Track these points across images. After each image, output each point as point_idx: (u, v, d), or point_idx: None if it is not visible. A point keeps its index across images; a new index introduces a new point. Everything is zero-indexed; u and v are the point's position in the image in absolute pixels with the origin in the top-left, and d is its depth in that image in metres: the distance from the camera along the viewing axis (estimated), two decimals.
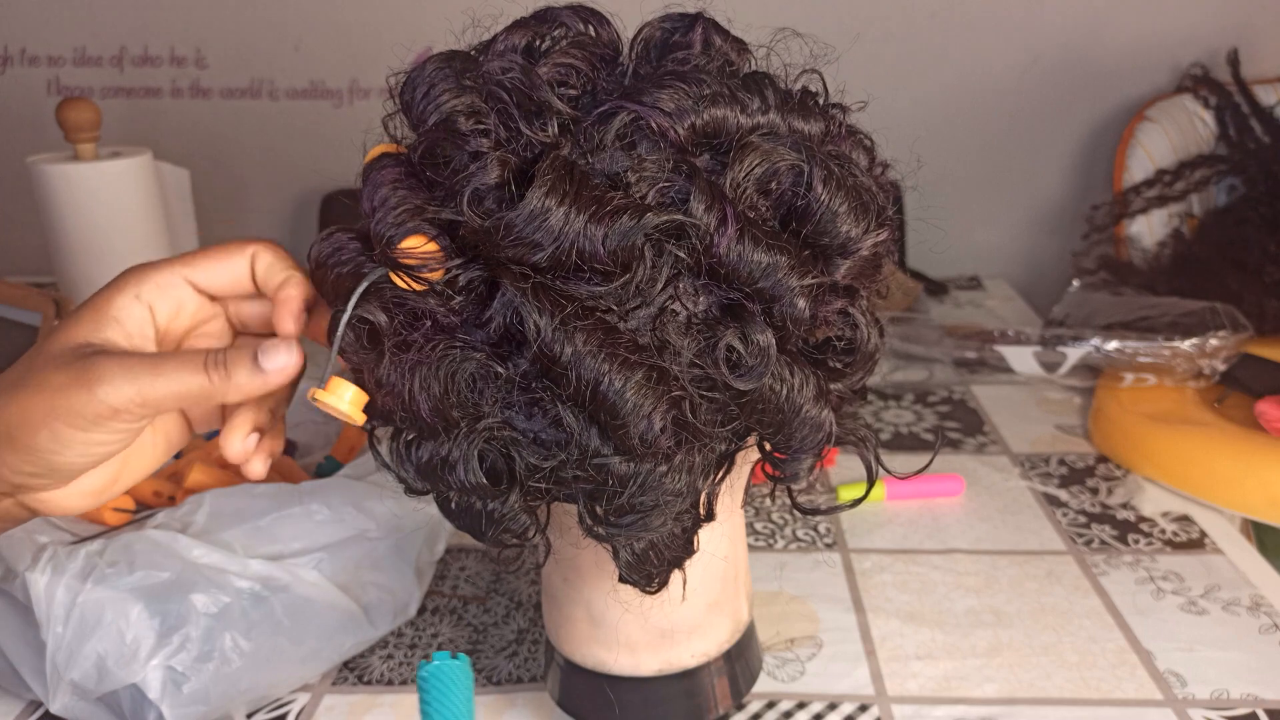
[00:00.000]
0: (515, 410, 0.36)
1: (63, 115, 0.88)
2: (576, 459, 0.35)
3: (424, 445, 0.37)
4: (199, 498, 0.56)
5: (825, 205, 0.36)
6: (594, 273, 0.34)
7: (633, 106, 0.35)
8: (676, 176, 0.35)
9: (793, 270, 0.36)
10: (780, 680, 0.58)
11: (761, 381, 0.36)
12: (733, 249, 0.35)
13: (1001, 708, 0.55)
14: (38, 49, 1.40)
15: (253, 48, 1.38)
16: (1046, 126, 1.35)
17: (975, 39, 1.32)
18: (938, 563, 0.69)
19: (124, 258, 0.91)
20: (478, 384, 0.35)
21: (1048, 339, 0.94)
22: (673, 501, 0.37)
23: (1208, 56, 1.25)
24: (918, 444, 0.86)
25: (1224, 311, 0.87)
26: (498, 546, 0.39)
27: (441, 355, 0.35)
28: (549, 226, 0.33)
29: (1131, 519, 0.74)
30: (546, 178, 0.33)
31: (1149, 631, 0.61)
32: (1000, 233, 1.41)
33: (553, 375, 0.35)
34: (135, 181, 0.91)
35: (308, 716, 0.55)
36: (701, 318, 0.36)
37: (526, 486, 0.37)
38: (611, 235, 0.33)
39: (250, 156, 1.44)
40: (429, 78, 0.37)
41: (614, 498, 0.36)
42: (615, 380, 0.34)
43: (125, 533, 0.54)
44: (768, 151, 0.36)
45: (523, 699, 0.56)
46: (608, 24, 0.40)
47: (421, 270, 0.36)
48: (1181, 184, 1.14)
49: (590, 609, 0.46)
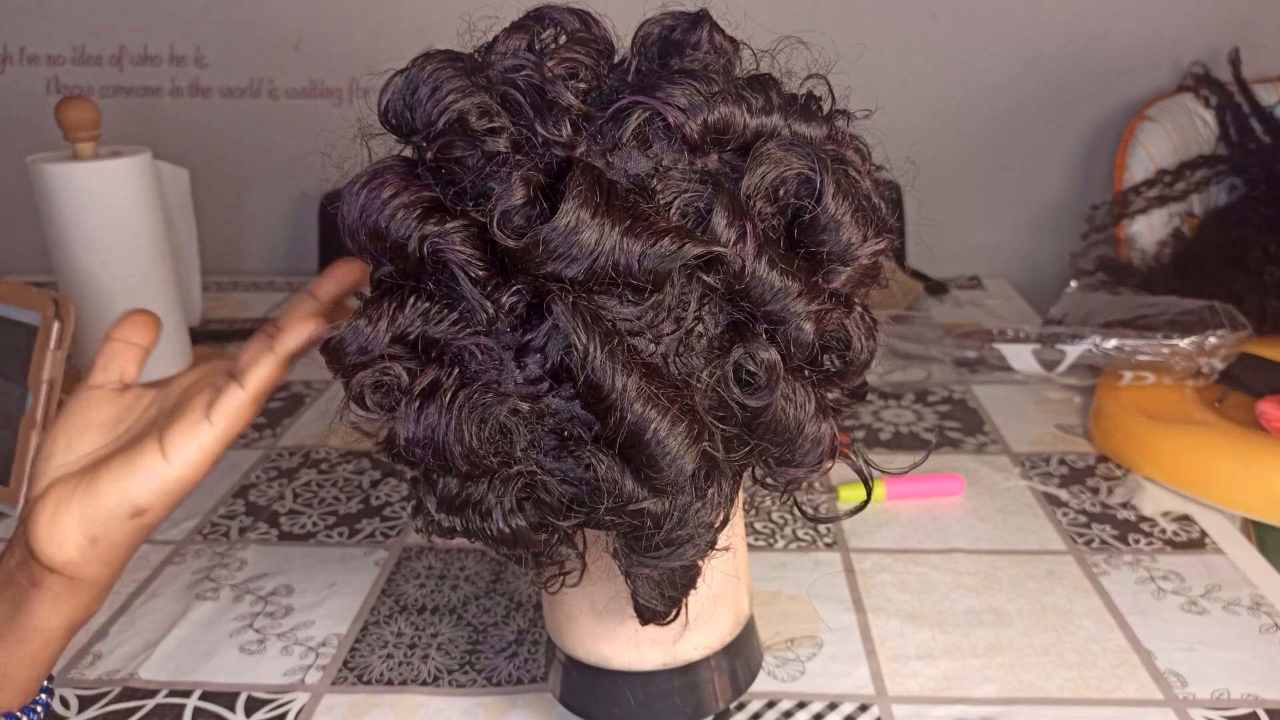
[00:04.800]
0: (545, 454, 0.36)
1: (62, 114, 0.88)
2: (611, 506, 0.35)
3: (451, 481, 0.37)
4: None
5: (832, 216, 0.36)
6: (627, 288, 0.34)
7: (649, 102, 0.35)
8: (701, 187, 0.35)
9: (801, 295, 0.36)
10: (780, 680, 0.58)
11: (773, 398, 0.36)
12: (749, 266, 0.35)
13: (1001, 708, 0.55)
14: (37, 48, 1.40)
15: (252, 47, 1.38)
16: (1046, 126, 1.35)
17: (975, 39, 1.32)
18: (938, 562, 0.69)
19: (123, 257, 0.91)
20: (509, 430, 0.35)
21: (1046, 337, 0.94)
22: (705, 532, 0.37)
23: (1208, 56, 1.25)
24: (918, 443, 0.86)
25: (1223, 310, 0.87)
26: (536, 569, 0.40)
27: (475, 401, 0.35)
28: (584, 240, 0.33)
29: (1132, 519, 0.74)
30: (578, 188, 0.33)
31: (1149, 631, 0.61)
32: (1000, 232, 1.41)
33: (593, 407, 0.34)
34: (135, 181, 0.91)
35: (307, 716, 0.55)
36: (714, 338, 0.36)
37: (560, 531, 0.37)
38: (649, 256, 0.33)
39: (250, 156, 1.44)
40: (432, 78, 0.36)
41: (651, 536, 0.36)
42: (660, 429, 0.34)
43: None
44: (779, 160, 0.36)
45: (523, 700, 0.56)
46: (599, 23, 0.40)
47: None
48: (1182, 184, 1.14)
49: (593, 604, 0.46)
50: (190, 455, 0.42)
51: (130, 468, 0.42)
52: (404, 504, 0.78)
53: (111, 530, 0.42)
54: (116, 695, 0.57)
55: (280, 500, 0.78)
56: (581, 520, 0.37)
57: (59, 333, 0.76)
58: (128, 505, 0.42)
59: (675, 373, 0.36)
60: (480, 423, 0.35)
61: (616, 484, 0.35)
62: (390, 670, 0.59)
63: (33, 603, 0.43)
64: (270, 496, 0.79)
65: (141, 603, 0.66)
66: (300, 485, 0.80)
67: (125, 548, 0.44)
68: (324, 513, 0.76)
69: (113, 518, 0.42)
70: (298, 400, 0.97)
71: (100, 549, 0.43)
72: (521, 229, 0.34)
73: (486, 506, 0.36)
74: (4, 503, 0.76)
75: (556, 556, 0.39)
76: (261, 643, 0.62)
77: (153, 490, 0.42)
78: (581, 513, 0.36)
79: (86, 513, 0.42)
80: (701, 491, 0.36)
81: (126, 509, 0.42)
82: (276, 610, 0.65)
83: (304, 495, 0.79)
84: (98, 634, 0.63)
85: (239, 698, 0.57)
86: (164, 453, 0.42)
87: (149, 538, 0.74)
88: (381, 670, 0.59)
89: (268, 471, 0.83)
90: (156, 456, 0.42)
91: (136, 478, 0.42)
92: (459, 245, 0.34)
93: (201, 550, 0.72)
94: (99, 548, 0.42)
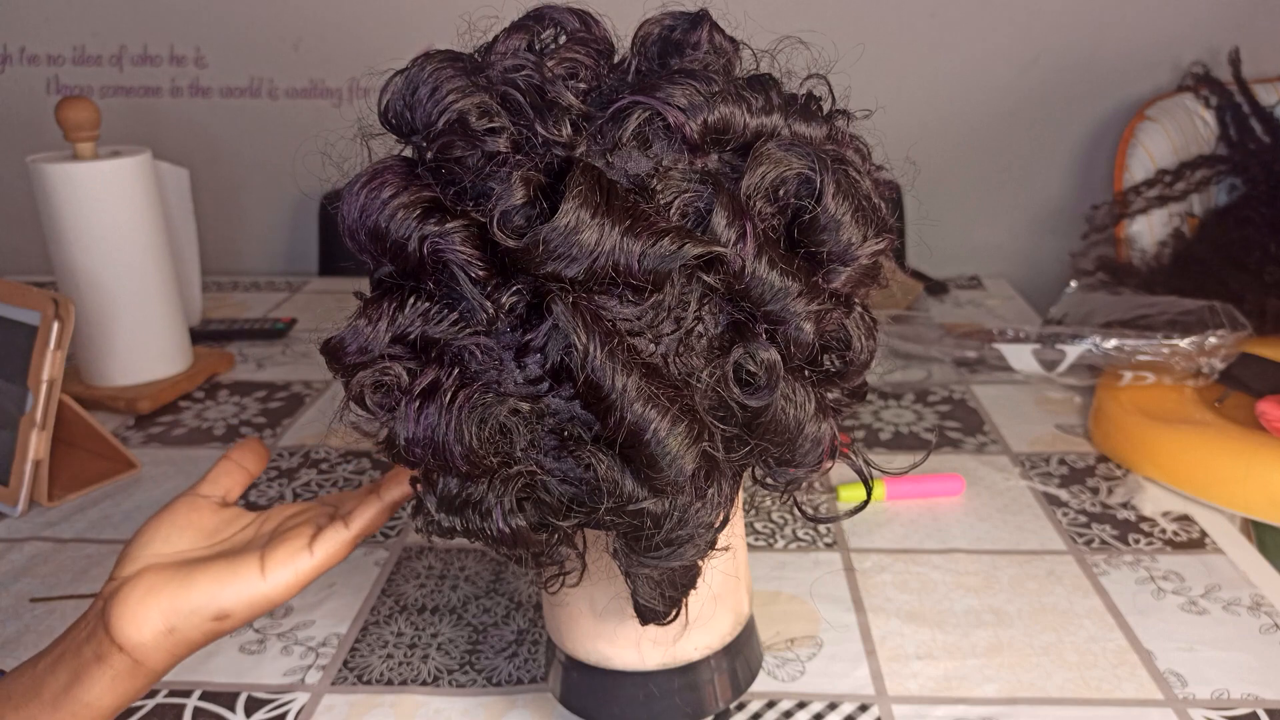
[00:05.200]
0: (545, 454, 0.36)
1: (62, 114, 0.88)
2: (611, 506, 0.35)
3: (451, 480, 0.37)
4: None
5: (832, 216, 0.36)
6: (627, 287, 0.34)
7: (648, 101, 0.35)
8: (701, 187, 0.35)
9: (801, 295, 0.36)
10: (780, 680, 0.58)
11: (773, 398, 0.36)
12: (749, 266, 0.35)
13: (1001, 708, 0.55)
14: (37, 48, 1.40)
15: (252, 46, 1.38)
16: (1046, 126, 1.35)
17: (975, 39, 1.32)
18: (938, 562, 0.69)
19: (123, 257, 0.91)
20: (509, 430, 0.35)
21: (1046, 337, 0.94)
22: (705, 532, 0.37)
23: (1208, 55, 1.25)
24: (918, 443, 0.86)
25: (1222, 310, 0.87)
26: (536, 568, 0.40)
27: (475, 401, 0.35)
28: (584, 240, 0.33)
29: (1132, 519, 0.74)
30: (578, 188, 0.33)
31: (1149, 631, 0.61)
32: (1000, 232, 1.41)
33: (593, 407, 0.34)
34: (135, 181, 0.91)
35: (307, 716, 0.55)
36: (714, 338, 0.36)
37: (560, 531, 0.37)
38: (649, 256, 0.33)
39: (250, 156, 1.44)
40: (431, 78, 0.36)
41: (651, 536, 0.36)
42: (660, 429, 0.34)
43: None
44: (779, 160, 0.36)
45: (524, 700, 0.56)
46: (599, 23, 0.40)
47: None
48: (1182, 184, 1.14)
49: (594, 604, 0.46)
50: (285, 578, 0.46)
51: (229, 575, 0.45)
52: (404, 504, 0.78)
53: (191, 626, 0.45)
54: None
55: (280, 500, 0.78)
56: (581, 520, 0.37)
57: (59, 333, 0.76)
58: (214, 607, 0.45)
59: (675, 373, 0.36)
60: (480, 423, 0.35)
61: (616, 484, 0.35)
62: (390, 670, 0.59)
63: (93, 677, 0.44)
64: (270, 497, 0.79)
65: None
66: (300, 485, 0.80)
67: (194, 644, 0.46)
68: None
69: (196, 614, 0.45)
70: (298, 400, 0.97)
71: (173, 640, 0.45)
72: (521, 229, 0.34)
73: (486, 506, 0.36)
74: (4, 503, 0.76)
75: (556, 556, 0.39)
76: (261, 643, 0.62)
77: (242, 600, 0.45)
78: (581, 513, 0.36)
79: (175, 604, 0.44)
80: (701, 491, 0.36)
81: (212, 610, 0.45)
82: (276, 610, 0.65)
83: (304, 495, 0.79)
84: None
85: (239, 698, 0.57)
86: (263, 570, 0.45)
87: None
88: (381, 670, 0.59)
89: (268, 471, 0.83)
90: (255, 571, 0.45)
91: (232, 585, 0.45)
92: (459, 245, 0.34)
93: None
94: (172, 639, 0.45)
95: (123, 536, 0.73)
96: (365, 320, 0.37)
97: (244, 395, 0.98)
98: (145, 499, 0.78)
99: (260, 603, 0.45)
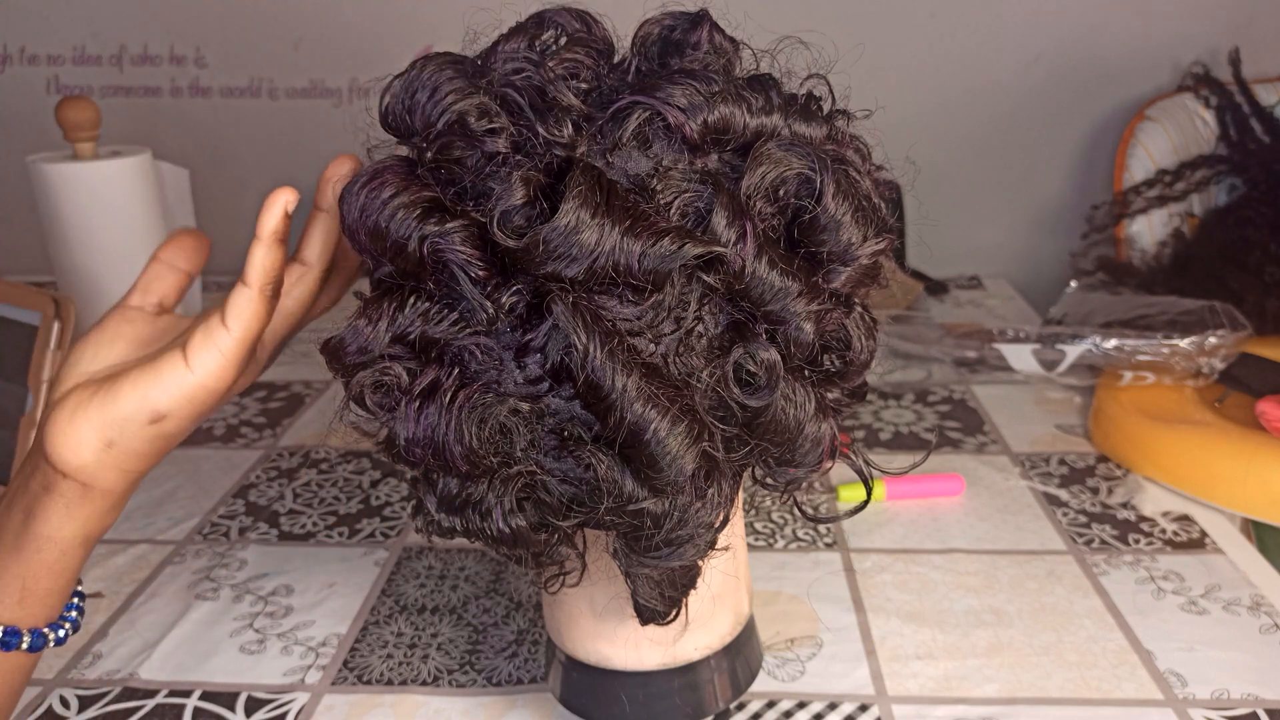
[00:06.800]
0: (545, 454, 0.36)
1: (62, 114, 0.88)
2: (611, 506, 0.35)
3: (451, 480, 0.37)
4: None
5: (832, 216, 0.36)
6: (627, 287, 0.34)
7: (648, 101, 0.35)
8: (701, 187, 0.35)
9: (801, 295, 0.36)
10: (780, 680, 0.58)
11: (773, 398, 0.36)
12: (749, 266, 0.35)
13: (1001, 708, 0.55)
14: (37, 48, 1.40)
15: (252, 46, 1.38)
16: (1046, 126, 1.35)
17: (975, 39, 1.32)
18: (938, 562, 0.69)
19: (123, 257, 0.91)
20: (509, 430, 0.35)
21: (1046, 337, 0.94)
22: (705, 532, 0.37)
23: (1209, 55, 1.25)
24: (918, 443, 0.86)
25: (1222, 310, 0.87)
26: (536, 568, 0.40)
27: (475, 401, 0.35)
28: (584, 240, 0.33)
29: (1132, 519, 0.74)
30: (578, 188, 0.33)
31: (1149, 631, 0.61)
32: (1000, 232, 1.41)
33: (593, 407, 0.34)
34: (135, 180, 0.91)
35: (307, 716, 0.55)
36: (714, 338, 0.36)
37: (560, 531, 0.37)
38: (649, 256, 0.33)
39: (250, 155, 1.44)
40: (430, 80, 0.36)
41: (651, 536, 0.36)
42: (660, 429, 0.34)
43: None
44: (779, 160, 0.36)
45: (524, 700, 0.56)
46: (599, 24, 0.40)
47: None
48: (1182, 184, 1.14)
49: (594, 604, 0.46)
50: (211, 361, 0.42)
51: (153, 374, 0.42)
52: (404, 504, 0.78)
53: (129, 435, 0.42)
54: (116, 695, 0.57)
55: (280, 500, 0.78)
56: (581, 520, 0.37)
57: (59, 333, 0.76)
58: (147, 409, 0.42)
59: (675, 373, 0.36)
60: (480, 423, 0.35)
61: (616, 484, 0.35)
62: (390, 670, 0.59)
63: (45, 509, 0.42)
64: (270, 496, 0.79)
65: (141, 603, 0.66)
66: (300, 485, 0.80)
67: (142, 456, 0.43)
68: (324, 513, 0.76)
69: (130, 422, 0.42)
70: (298, 400, 0.97)
71: (116, 454, 0.42)
72: (521, 229, 0.34)
73: (486, 506, 0.36)
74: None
75: (556, 556, 0.39)
76: (261, 643, 0.62)
77: (173, 396, 0.42)
78: (581, 513, 0.36)
79: (105, 416, 0.42)
80: (701, 491, 0.36)
81: (145, 414, 0.42)
82: (276, 610, 0.65)
83: (304, 495, 0.79)
84: (98, 634, 0.63)
85: (239, 698, 0.57)
86: (186, 360, 0.42)
87: (152, 537, 0.74)
88: (381, 670, 0.59)
89: (268, 471, 0.83)
90: (179, 363, 0.42)
91: (158, 384, 0.42)
92: (459, 245, 0.35)
93: (201, 550, 0.72)
94: (114, 453, 0.42)
95: (120, 536, 0.73)
96: (365, 320, 0.37)
97: (244, 395, 0.98)
98: (144, 498, 0.78)
99: (194, 393, 0.42)
